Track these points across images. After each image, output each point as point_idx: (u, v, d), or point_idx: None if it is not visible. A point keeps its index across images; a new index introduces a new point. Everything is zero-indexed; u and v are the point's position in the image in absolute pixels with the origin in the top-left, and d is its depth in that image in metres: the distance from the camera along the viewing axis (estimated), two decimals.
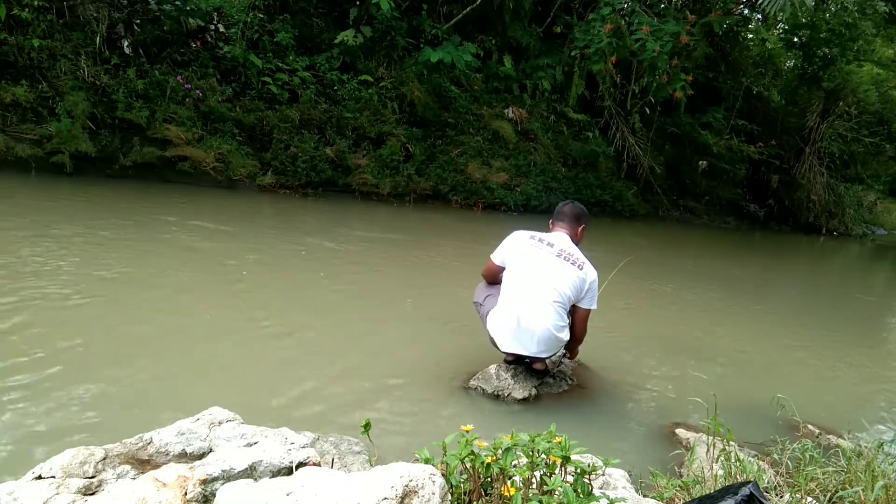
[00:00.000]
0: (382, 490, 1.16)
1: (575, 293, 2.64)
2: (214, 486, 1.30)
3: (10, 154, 6.10)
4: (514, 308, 2.64)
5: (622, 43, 9.31)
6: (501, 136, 9.79)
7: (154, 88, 7.01)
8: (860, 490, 1.75)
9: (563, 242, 2.72)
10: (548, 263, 2.64)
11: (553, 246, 2.69)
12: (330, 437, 1.87)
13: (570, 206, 2.87)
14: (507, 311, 2.66)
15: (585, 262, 2.67)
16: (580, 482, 1.29)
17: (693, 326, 4.58)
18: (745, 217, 13.84)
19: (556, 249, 2.67)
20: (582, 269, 2.64)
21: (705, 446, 2.03)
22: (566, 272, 2.62)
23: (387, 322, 3.59)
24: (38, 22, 6.41)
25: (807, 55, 13.27)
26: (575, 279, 2.61)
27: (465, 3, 9.62)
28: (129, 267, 3.82)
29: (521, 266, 2.69)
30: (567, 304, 2.66)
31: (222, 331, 3.09)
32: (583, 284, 2.64)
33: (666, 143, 12.20)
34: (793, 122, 13.60)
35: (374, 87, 8.75)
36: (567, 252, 2.67)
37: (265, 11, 8.26)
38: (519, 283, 2.67)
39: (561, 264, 2.63)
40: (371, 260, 5.17)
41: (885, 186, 19.15)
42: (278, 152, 7.71)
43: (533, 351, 2.65)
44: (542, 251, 2.68)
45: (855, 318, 6.08)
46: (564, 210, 2.85)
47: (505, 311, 2.67)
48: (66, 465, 1.36)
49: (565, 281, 2.61)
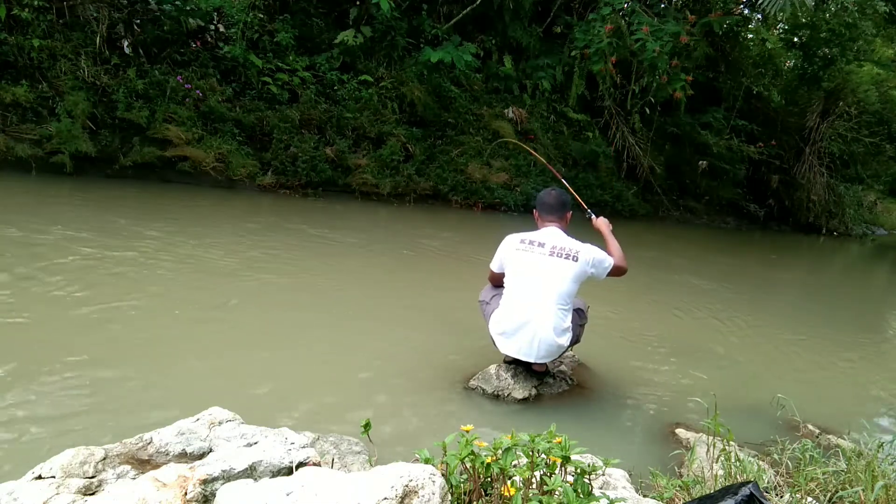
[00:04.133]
0: (382, 490, 1.16)
1: (578, 280, 2.64)
2: (214, 486, 1.30)
3: (11, 154, 6.10)
4: (514, 315, 2.64)
5: (622, 43, 9.31)
6: (501, 136, 9.77)
7: (154, 88, 7.00)
8: (860, 490, 1.75)
9: (554, 237, 2.68)
10: (542, 266, 2.62)
11: (544, 245, 2.65)
12: (330, 437, 1.87)
13: (554, 195, 2.78)
14: (509, 316, 2.67)
15: (579, 250, 2.63)
16: (580, 482, 1.29)
17: (693, 326, 4.58)
18: (745, 217, 13.82)
19: (547, 249, 2.64)
20: (577, 259, 2.61)
21: (705, 446, 2.03)
22: (561, 269, 2.60)
23: (386, 322, 3.59)
24: (38, 22, 6.41)
25: (807, 55, 13.26)
26: (573, 271, 2.61)
27: (465, 3, 9.61)
28: (130, 266, 3.82)
29: (518, 273, 2.68)
30: (569, 301, 2.66)
31: (222, 331, 3.09)
32: (584, 268, 2.63)
33: (666, 143, 12.19)
34: (793, 122, 13.58)
35: (374, 87, 8.74)
36: (559, 248, 2.64)
37: (265, 11, 8.25)
38: (517, 290, 2.66)
39: (554, 263, 2.61)
40: (371, 260, 5.17)
41: (885, 186, 19.13)
42: (278, 152, 7.71)
43: (532, 358, 2.66)
44: (534, 254, 2.65)
45: (855, 318, 6.08)
46: (548, 201, 2.77)
47: (507, 316, 2.68)
48: (66, 465, 1.36)
49: (563, 278, 2.60)
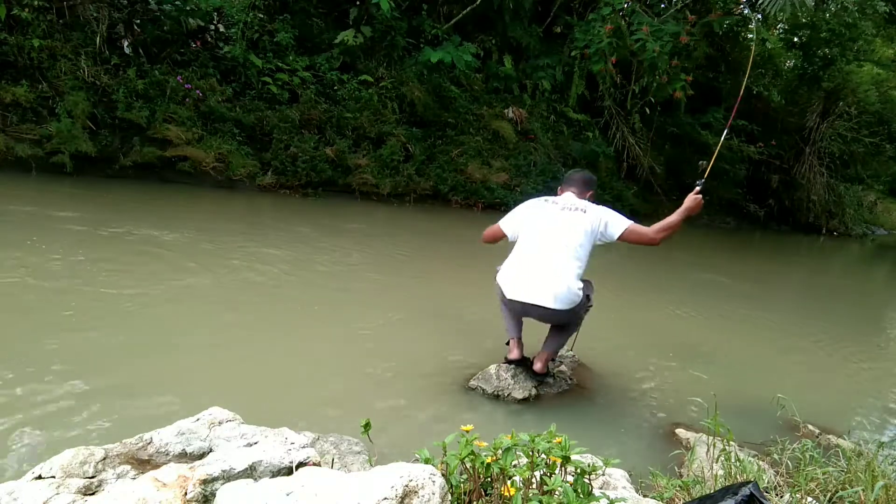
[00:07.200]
0: (382, 490, 1.15)
1: (592, 234, 2.64)
2: (214, 486, 1.29)
3: (11, 154, 6.11)
4: (525, 261, 2.66)
5: (622, 43, 9.32)
6: (501, 136, 9.78)
7: (154, 88, 7.01)
8: (860, 490, 1.74)
9: (568, 198, 2.78)
10: (555, 217, 2.69)
11: (558, 203, 2.75)
12: (330, 437, 1.87)
13: (580, 174, 2.92)
14: (519, 262, 2.69)
15: (588, 205, 2.71)
16: (580, 482, 1.29)
17: (693, 327, 4.58)
18: (745, 217, 13.83)
19: (560, 206, 2.73)
20: (586, 211, 2.67)
21: (705, 446, 2.03)
22: (573, 220, 2.65)
23: (386, 322, 3.58)
24: (38, 22, 6.41)
25: (807, 55, 13.27)
26: (584, 223, 2.64)
27: (465, 3, 9.62)
28: (129, 267, 3.82)
29: (531, 225, 2.73)
30: (580, 254, 2.61)
31: (222, 331, 3.09)
32: (595, 221, 2.65)
33: (666, 143, 12.20)
34: (793, 122, 13.60)
35: (374, 87, 8.74)
36: (571, 204, 2.73)
37: (265, 11, 8.26)
38: (529, 239, 2.71)
39: (566, 215, 2.68)
40: (370, 260, 5.17)
41: (885, 186, 19.16)
42: (278, 152, 7.71)
43: (542, 301, 2.56)
44: (548, 209, 2.74)
45: (855, 318, 6.08)
46: (574, 177, 2.90)
47: (517, 262, 2.70)
48: (66, 465, 1.36)
49: (575, 229, 2.62)
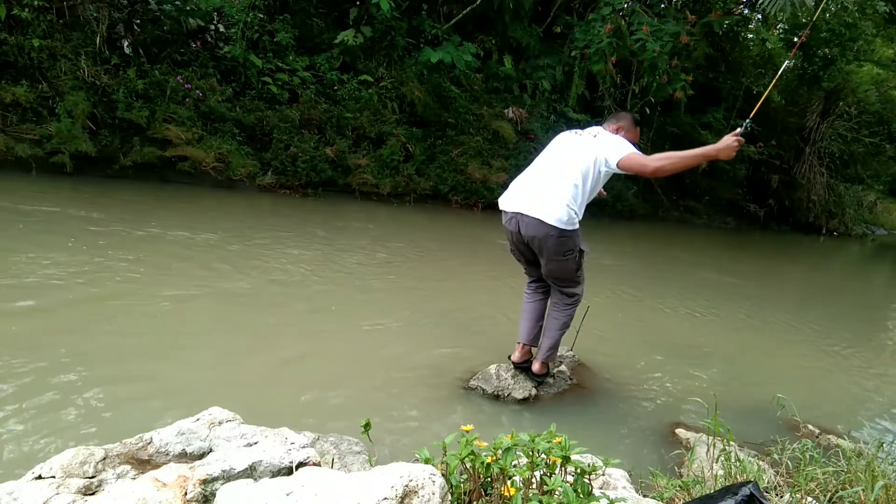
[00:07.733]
0: (382, 490, 1.15)
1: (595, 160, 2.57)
2: (214, 486, 1.29)
3: (11, 154, 6.10)
4: (526, 175, 2.69)
5: (622, 43, 9.31)
6: (501, 136, 9.77)
7: (154, 88, 7.00)
8: (860, 490, 1.75)
9: (593, 129, 2.77)
10: (568, 142, 2.70)
11: (580, 134, 2.75)
12: (330, 437, 1.87)
13: (618, 112, 2.93)
14: (521, 177, 2.72)
15: (604, 133, 2.69)
16: (580, 482, 1.29)
17: (693, 327, 4.58)
18: (745, 217, 13.82)
19: (580, 134, 2.74)
20: (596, 136, 2.67)
21: (705, 446, 2.03)
22: (581, 144, 2.64)
23: (386, 322, 3.58)
24: (38, 22, 6.40)
25: (807, 55, 13.26)
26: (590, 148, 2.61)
27: (465, 3, 9.61)
28: (130, 264, 3.82)
29: (547, 148, 2.77)
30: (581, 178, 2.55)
31: (221, 331, 3.09)
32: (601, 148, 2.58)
33: (666, 144, 12.16)
34: (793, 122, 13.59)
35: (374, 87, 8.74)
36: (590, 132, 2.73)
37: (265, 11, 8.25)
38: (539, 159, 2.74)
39: (578, 140, 2.68)
40: (369, 260, 5.17)
41: (885, 186, 19.16)
42: (278, 152, 7.70)
43: (531, 210, 2.54)
44: (567, 135, 2.76)
45: (855, 319, 6.08)
46: (613, 115, 2.91)
47: (520, 177, 2.72)
48: (66, 465, 1.36)
49: (580, 153, 2.60)
